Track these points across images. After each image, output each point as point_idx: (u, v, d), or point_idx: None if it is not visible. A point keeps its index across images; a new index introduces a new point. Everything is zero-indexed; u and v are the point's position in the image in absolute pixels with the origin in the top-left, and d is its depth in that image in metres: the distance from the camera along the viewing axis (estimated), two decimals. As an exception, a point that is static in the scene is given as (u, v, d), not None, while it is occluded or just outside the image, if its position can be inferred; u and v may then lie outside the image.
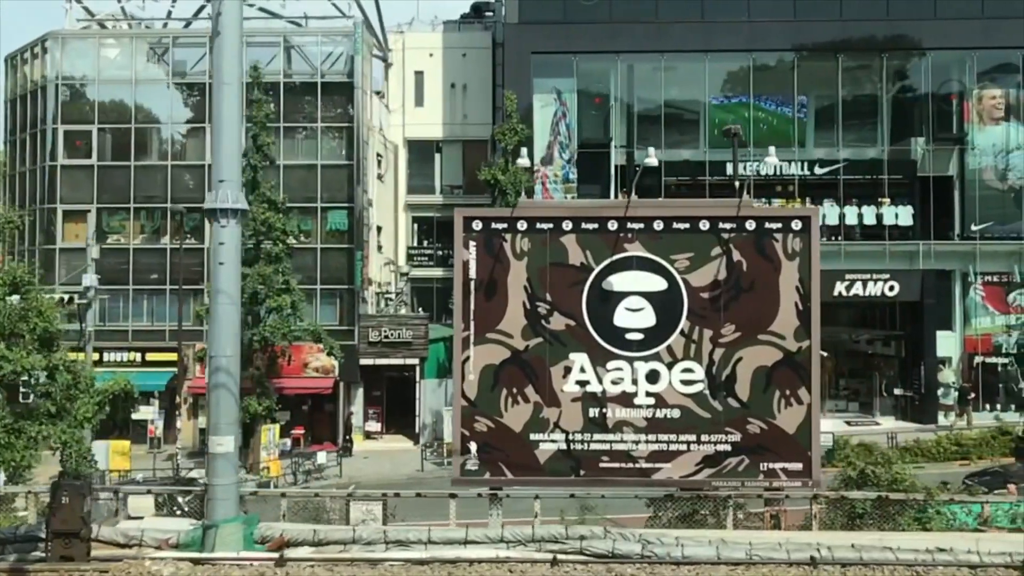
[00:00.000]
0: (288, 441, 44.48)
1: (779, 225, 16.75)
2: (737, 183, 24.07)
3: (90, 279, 38.06)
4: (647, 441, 16.68)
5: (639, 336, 16.70)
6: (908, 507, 17.00)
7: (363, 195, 46.99)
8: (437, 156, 54.25)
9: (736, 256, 16.72)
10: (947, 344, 46.81)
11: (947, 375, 46.66)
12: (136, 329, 46.38)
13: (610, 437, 16.70)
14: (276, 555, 14.12)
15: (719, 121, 49.06)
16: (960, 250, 46.73)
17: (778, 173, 47.62)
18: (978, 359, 46.88)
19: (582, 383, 16.71)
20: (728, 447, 16.66)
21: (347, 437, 46.39)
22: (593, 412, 16.74)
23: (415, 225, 54.96)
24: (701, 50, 47.14)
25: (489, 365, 16.69)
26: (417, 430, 46.34)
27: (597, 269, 16.71)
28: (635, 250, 16.72)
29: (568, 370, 16.72)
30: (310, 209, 47.03)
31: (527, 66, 47.53)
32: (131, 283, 46.56)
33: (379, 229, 51.81)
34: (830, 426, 45.14)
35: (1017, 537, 15.60)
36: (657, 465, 16.69)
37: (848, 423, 46.18)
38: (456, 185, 53.64)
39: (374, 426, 48.48)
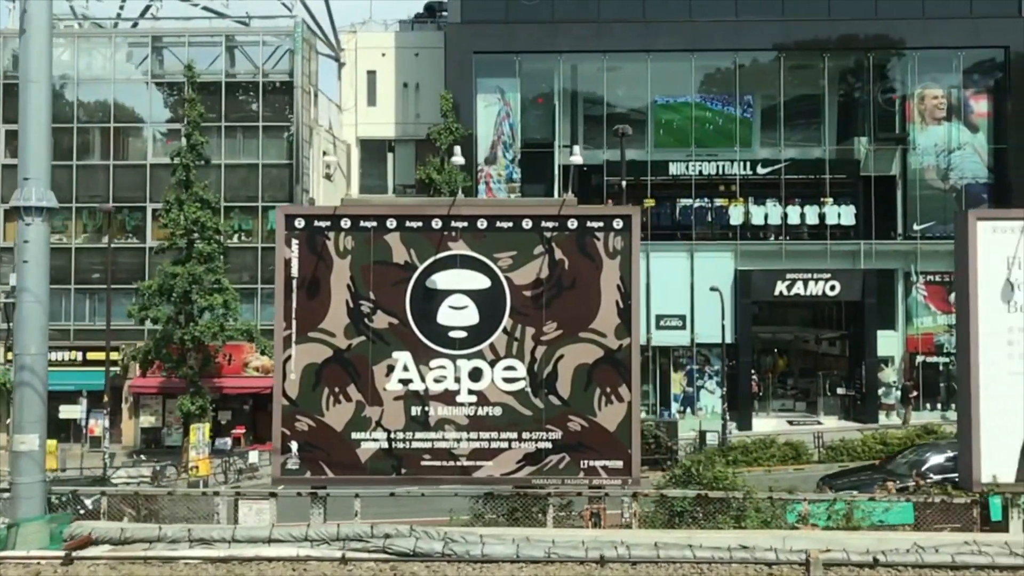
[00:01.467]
0: (229, 440, 44.55)
1: (601, 224, 16.73)
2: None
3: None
4: (469, 439, 16.67)
5: (462, 334, 16.68)
6: (728, 505, 17.00)
7: (303, 194, 47.01)
8: (390, 155, 54.19)
9: (558, 254, 16.70)
10: (889, 343, 46.83)
11: (888, 375, 46.65)
12: (78, 328, 46.46)
13: (432, 435, 16.69)
14: (63, 554, 14.12)
15: (665, 121, 49.21)
16: (902, 249, 46.74)
17: (721, 173, 47.70)
18: (920, 358, 46.85)
19: (405, 381, 16.69)
20: (549, 444, 16.64)
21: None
22: (415, 411, 16.72)
23: (367, 225, 54.84)
24: (643, 50, 47.16)
25: (311, 364, 16.68)
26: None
27: (421, 267, 16.70)
28: (459, 248, 16.71)
29: (391, 369, 16.69)
30: (252, 208, 47.17)
31: (469, 66, 47.61)
32: (73, 282, 46.63)
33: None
34: (773, 425, 45.34)
35: (824, 534, 15.58)
36: (478, 463, 16.67)
37: (791, 422, 46.27)
38: (409, 185, 53.59)
39: (317, 425, 48.38)
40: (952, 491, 17.88)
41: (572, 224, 16.77)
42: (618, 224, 16.77)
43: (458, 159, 41.64)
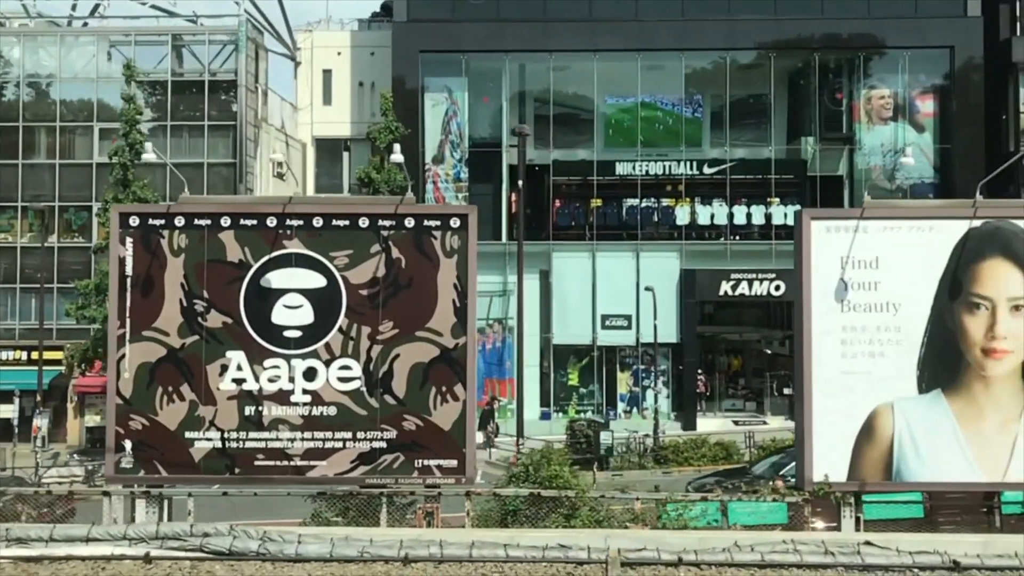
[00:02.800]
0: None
1: (438, 223, 16.70)
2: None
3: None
4: (303, 439, 16.63)
5: (297, 334, 16.65)
6: (560, 504, 17.02)
7: (247, 193, 46.93)
8: (345, 155, 54.16)
9: (395, 253, 16.66)
10: (834, 344, 46.58)
11: (832, 375, 46.42)
12: (24, 328, 46.49)
13: (265, 435, 16.66)
14: None
15: (615, 121, 49.14)
16: (848, 250, 46.47)
17: (668, 172, 47.65)
18: (866, 359, 46.59)
19: (238, 381, 16.65)
20: (384, 444, 16.61)
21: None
22: (249, 410, 16.69)
23: (323, 224, 54.71)
24: (589, 49, 47.01)
25: (145, 363, 16.62)
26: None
27: (255, 266, 16.66)
28: (294, 247, 16.68)
29: (225, 368, 16.65)
30: (197, 208, 47.06)
31: (416, 65, 47.56)
32: (19, 281, 46.66)
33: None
34: (718, 425, 45.30)
35: (649, 533, 15.55)
36: (312, 463, 16.65)
37: (736, 423, 46.19)
38: (365, 184, 53.53)
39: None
40: (784, 490, 17.85)
41: (409, 223, 16.75)
42: (455, 223, 16.76)
43: (397, 156, 41.52)
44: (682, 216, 47.15)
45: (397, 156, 41.92)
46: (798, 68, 48.48)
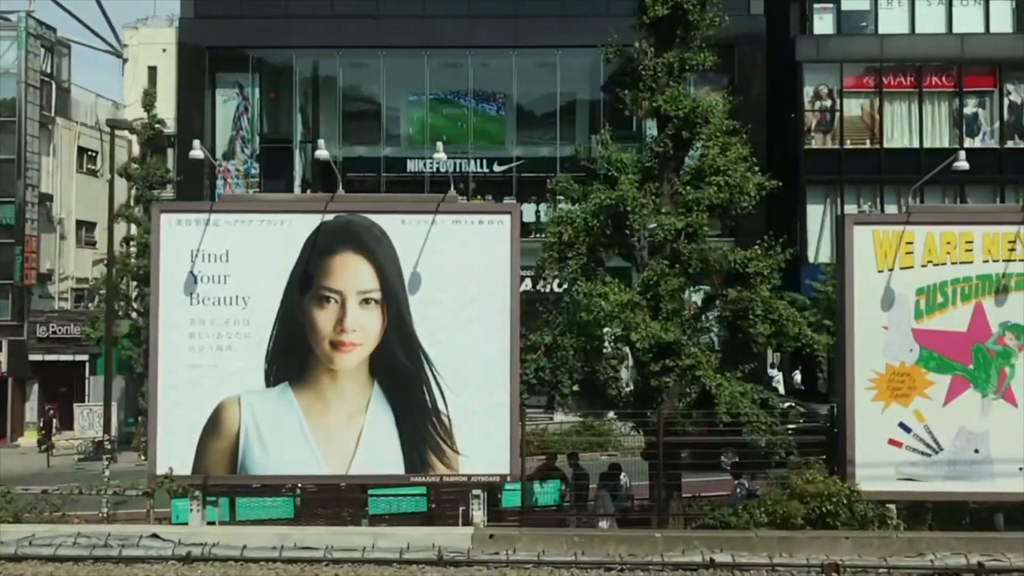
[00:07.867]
0: (-56, 438, 44.51)
1: None
2: None
3: None
4: None
5: None
6: None
7: (28, 190, 46.83)
8: (170, 151, 53.94)
9: None
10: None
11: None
12: None
13: None
14: None
15: (416, 119, 48.90)
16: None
17: (459, 170, 47.40)
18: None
19: None
20: None
21: (43, 433, 46.13)
22: None
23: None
24: (376, 46, 46.78)
25: None
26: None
27: None
28: None
29: None
30: (-20, 205, 47.04)
31: (203, 61, 47.50)
32: None
33: (90, 224, 52.23)
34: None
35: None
36: None
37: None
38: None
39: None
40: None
41: None
42: None
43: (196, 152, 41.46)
44: (469, 213, 46.78)
45: (196, 152, 41.34)
46: (586, 66, 48.08)
